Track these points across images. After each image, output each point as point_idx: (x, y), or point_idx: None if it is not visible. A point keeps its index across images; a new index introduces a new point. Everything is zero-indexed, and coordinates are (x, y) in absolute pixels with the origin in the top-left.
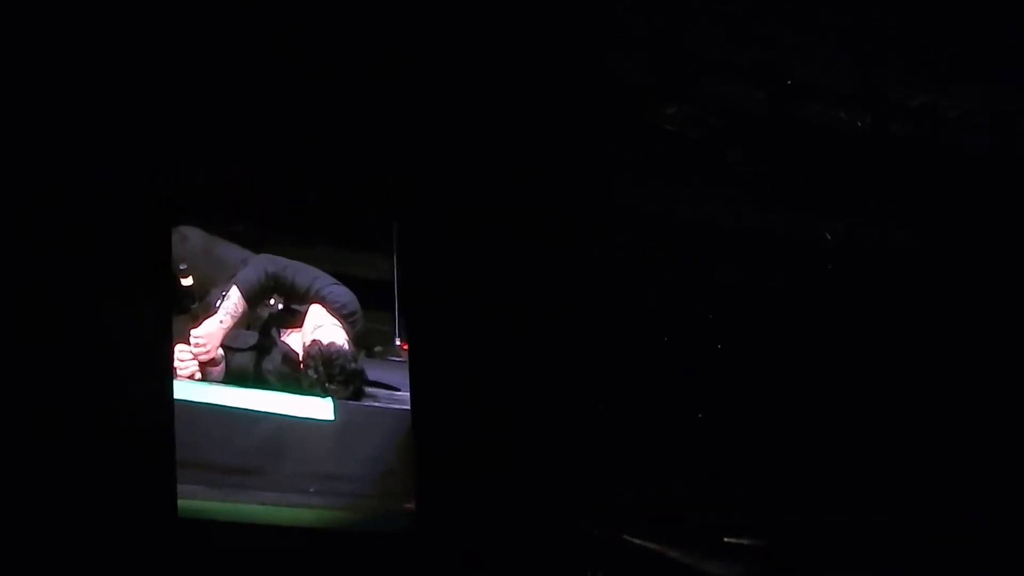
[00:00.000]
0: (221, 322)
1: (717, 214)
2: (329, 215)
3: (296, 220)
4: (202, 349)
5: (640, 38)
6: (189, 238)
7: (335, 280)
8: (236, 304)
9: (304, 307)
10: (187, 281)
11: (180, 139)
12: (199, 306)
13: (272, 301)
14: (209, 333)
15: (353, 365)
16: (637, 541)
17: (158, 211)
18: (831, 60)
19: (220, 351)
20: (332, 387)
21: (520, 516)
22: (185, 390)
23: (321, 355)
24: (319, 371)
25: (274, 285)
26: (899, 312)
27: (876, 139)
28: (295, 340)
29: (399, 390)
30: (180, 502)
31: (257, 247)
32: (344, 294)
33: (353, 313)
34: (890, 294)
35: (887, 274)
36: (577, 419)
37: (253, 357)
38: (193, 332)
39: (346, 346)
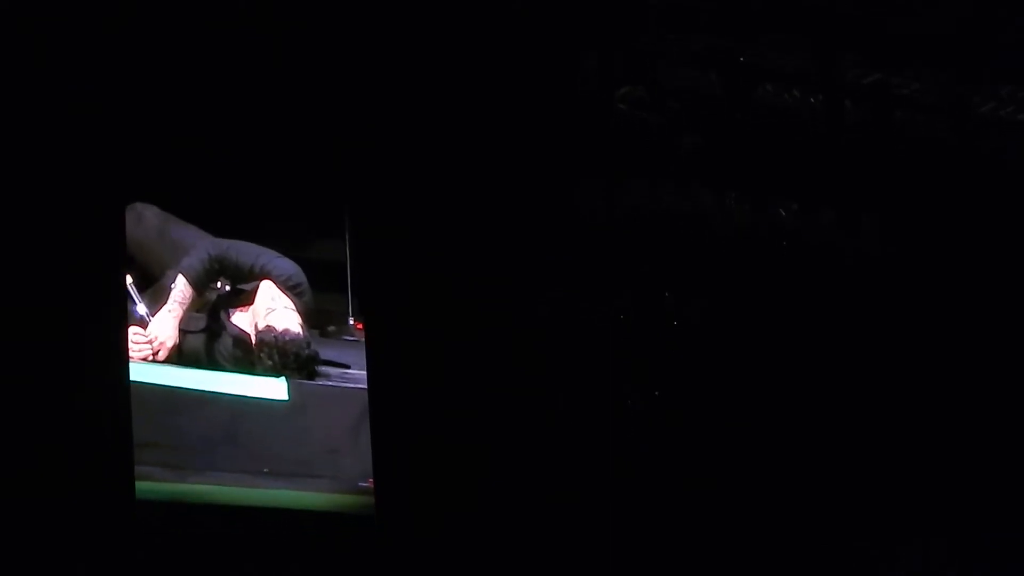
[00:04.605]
0: (170, 311)
1: (670, 198)
2: (282, 196)
3: (249, 202)
4: (158, 342)
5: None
6: (144, 216)
7: (278, 254)
8: (183, 292)
9: (251, 285)
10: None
11: (135, 118)
12: (153, 288)
13: (219, 284)
14: (163, 326)
15: (307, 351)
16: None
17: (111, 190)
18: (783, 39)
19: (176, 337)
20: (287, 372)
21: (478, 494)
22: (139, 372)
23: (276, 343)
24: (274, 358)
25: (219, 267)
26: (857, 294)
27: (830, 117)
28: (244, 320)
29: (350, 368)
30: (136, 484)
31: (212, 228)
32: (289, 266)
33: (299, 284)
34: (847, 275)
35: (846, 255)
36: (532, 397)
37: (204, 340)
38: (149, 328)
39: (300, 331)
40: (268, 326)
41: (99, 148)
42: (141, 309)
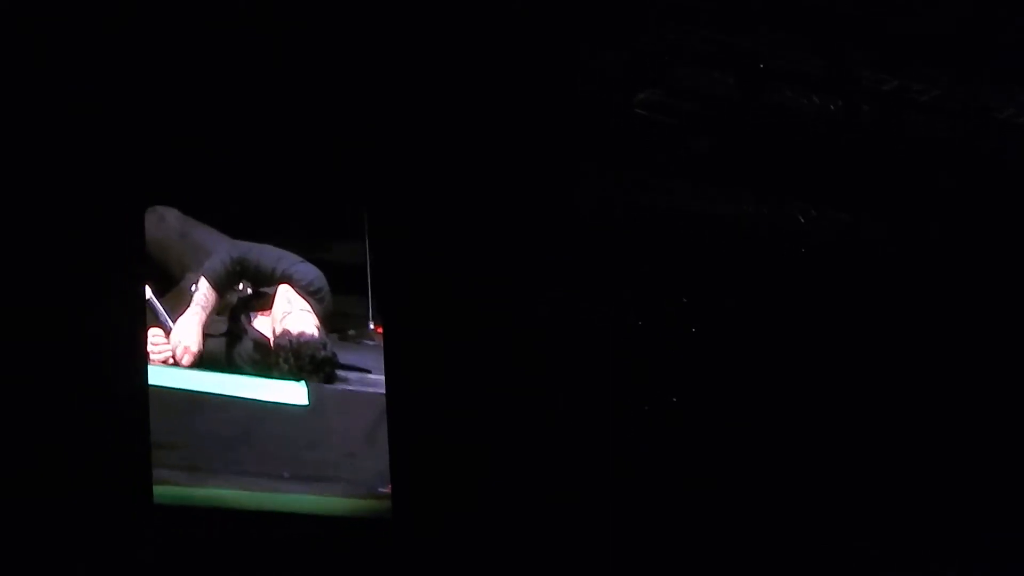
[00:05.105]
0: (194, 315)
1: (687, 201)
2: (302, 200)
3: (269, 205)
4: (182, 346)
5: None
6: (166, 219)
7: (300, 258)
8: (206, 295)
9: (272, 288)
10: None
11: (156, 122)
12: (173, 292)
13: (241, 286)
14: (186, 330)
15: (323, 353)
16: None
17: (131, 194)
18: (802, 44)
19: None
20: (303, 375)
21: (496, 499)
22: (159, 376)
23: (291, 347)
24: (290, 362)
25: (240, 270)
26: (871, 297)
27: (848, 123)
28: (264, 325)
29: (371, 373)
30: (154, 488)
31: (232, 232)
32: (310, 271)
33: (320, 290)
34: (862, 279)
35: (859, 259)
36: (549, 401)
37: (224, 343)
38: (172, 332)
39: (316, 333)
40: (284, 330)
41: (120, 152)
42: (162, 315)
